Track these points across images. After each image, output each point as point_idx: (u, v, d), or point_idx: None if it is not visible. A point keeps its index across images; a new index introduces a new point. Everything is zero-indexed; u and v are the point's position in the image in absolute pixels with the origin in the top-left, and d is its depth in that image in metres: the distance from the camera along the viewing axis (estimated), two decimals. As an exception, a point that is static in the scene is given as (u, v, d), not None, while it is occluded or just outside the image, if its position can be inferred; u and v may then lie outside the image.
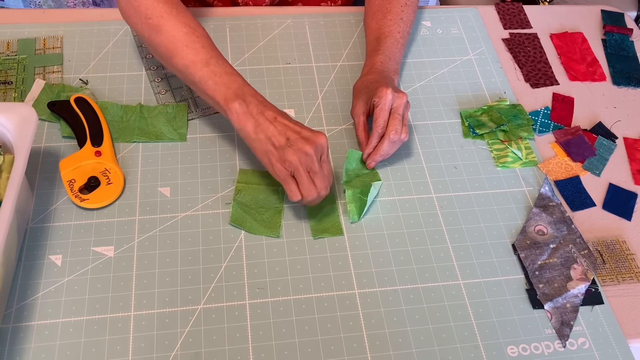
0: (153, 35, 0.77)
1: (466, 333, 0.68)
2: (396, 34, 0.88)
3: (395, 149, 0.79)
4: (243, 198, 0.76)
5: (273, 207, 0.76)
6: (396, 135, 0.77)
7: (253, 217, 0.75)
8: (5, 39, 0.90)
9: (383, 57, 0.86)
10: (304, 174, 0.68)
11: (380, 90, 0.78)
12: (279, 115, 0.71)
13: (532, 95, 0.94)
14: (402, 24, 0.89)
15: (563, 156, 0.86)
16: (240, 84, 0.73)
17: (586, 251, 0.75)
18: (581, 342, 0.69)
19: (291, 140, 0.68)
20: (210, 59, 0.74)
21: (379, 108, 0.78)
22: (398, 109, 0.78)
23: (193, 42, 0.75)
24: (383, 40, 0.88)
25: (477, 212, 0.79)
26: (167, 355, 0.64)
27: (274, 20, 0.98)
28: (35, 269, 0.69)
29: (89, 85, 0.86)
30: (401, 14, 0.90)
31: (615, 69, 0.99)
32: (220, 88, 0.72)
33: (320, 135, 0.70)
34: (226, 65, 0.74)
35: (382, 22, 0.89)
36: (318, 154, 0.69)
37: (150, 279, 0.69)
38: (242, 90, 0.72)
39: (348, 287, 0.71)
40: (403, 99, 0.78)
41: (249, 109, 0.70)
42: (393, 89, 0.78)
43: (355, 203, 0.76)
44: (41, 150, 0.79)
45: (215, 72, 0.73)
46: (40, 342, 0.64)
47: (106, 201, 0.74)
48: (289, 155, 0.68)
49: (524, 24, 1.04)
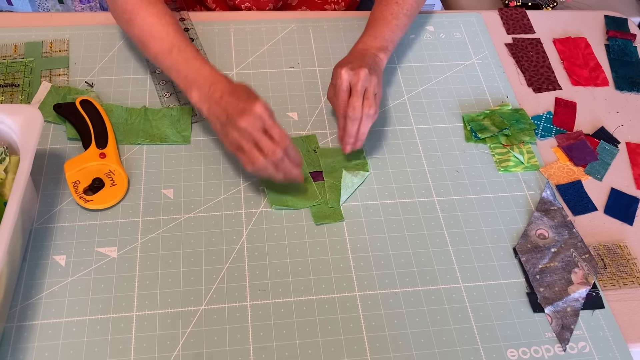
0: (129, 29, 0.82)
1: (466, 336, 0.69)
2: (388, 15, 0.86)
3: (366, 127, 0.76)
4: (270, 181, 0.77)
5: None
6: (354, 111, 0.74)
7: (290, 195, 0.77)
8: (13, 42, 0.92)
9: (367, 37, 0.84)
10: (246, 145, 0.69)
11: (334, 72, 0.77)
12: (225, 92, 0.72)
13: (535, 99, 0.94)
14: (397, 7, 0.87)
15: (565, 160, 0.86)
16: (197, 67, 0.75)
17: (587, 255, 0.75)
18: (582, 346, 0.69)
19: (229, 116, 0.70)
20: (172, 48, 0.77)
21: (337, 90, 0.76)
22: (356, 85, 0.75)
23: (158, 32, 0.79)
24: (372, 24, 0.86)
25: (479, 215, 0.79)
26: (169, 355, 0.65)
27: (278, 25, 0.99)
28: (39, 268, 0.70)
29: (94, 88, 0.87)
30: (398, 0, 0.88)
31: (618, 74, 0.99)
32: (181, 76, 0.76)
33: (255, 104, 0.69)
34: (187, 51, 0.77)
35: (376, 9, 0.89)
36: (257, 123, 0.69)
37: (152, 280, 0.70)
38: (198, 75, 0.75)
39: (349, 289, 0.71)
40: (360, 74, 0.75)
41: (202, 93, 0.74)
42: (351, 67, 0.76)
43: (332, 192, 0.78)
44: (46, 151, 0.80)
45: (177, 61, 0.76)
46: (44, 341, 0.65)
47: (110, 202, 0.75)
48: (229, 131, 0.70)
49: (527, 29, 1.04)
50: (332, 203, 0.78)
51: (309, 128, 0.86)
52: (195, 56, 0.77)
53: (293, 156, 0.72)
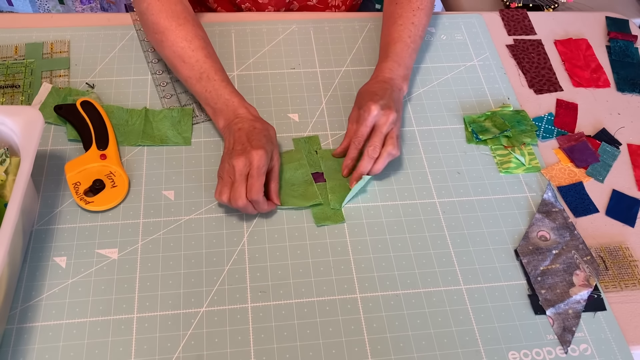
0: (160, 50, 0.85)
1: (467, 338, 0.68)
2: (406, 38, 0.88)
3: (382, 164, 0.78)
4: None
5: (302, 181, 0.79)
6: (374, 150, 0.77)
7: (291, 195, 0.78)
8: (13, 43, 0.92)
9: (392, 63, 0.86)
10: (226, 179, 0.73)
11: (367, 105, 0.78)
12: (244, 130, 0.76)
13: (536, 101, 0.94)
14: (414, 28, 0.89)
15: (566, 162, 0.86)
16: (226, 99, 0.79)
17: (589, 257, 0.75)
18: (583, 349, 0.69)
19: (233, 150, 0.74)
20: (201, 75, 0.81)
21: (361, 123, 0.78)
22: (381, 126, 0.78)
23: (189, 58, 0.81)
24: (392, 45, 0.87)
25: (480, 217, 0.79)
26: (170, 357, 0.65)
27: (279, 26, 0.99)
28: (39, 270, 0.70)
29: (95, 89, 0.87)
30: (412, 19, 0.89)
31: (620, 75, 0.99)
32: (210, 104, 0.80)
33: (255, 151, 0.72)
34: (216, 79, 0.80)
35: (393, 28, 0.89)
36: (245, 168, 0.72)
37: (153, 282, 0.70)
38: (226, 107, 0.79)
39: (350, 291, 0.71)
40: (389, 116, 0.78)
41: (226, 122, 0.78)
42: (382, 106, 0.78)
43: (333, 194, 0.79)
44: (47, 153, 0.80)
45: (206, 89, 0.80)
46: (44, 343, 0.65)
47: (111, 204, 0.75)
48: (226, 160, 0.74)
49: (528, 31, 1.04)
50: (333, 204, 0.78)
51: (310, 129, 0.86)
52: (224, 85, 0.80)
53: (260, 207, 0.74)
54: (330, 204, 0.78)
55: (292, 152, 0.83)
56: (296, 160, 0.81)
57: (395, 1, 0.92)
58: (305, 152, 0.83)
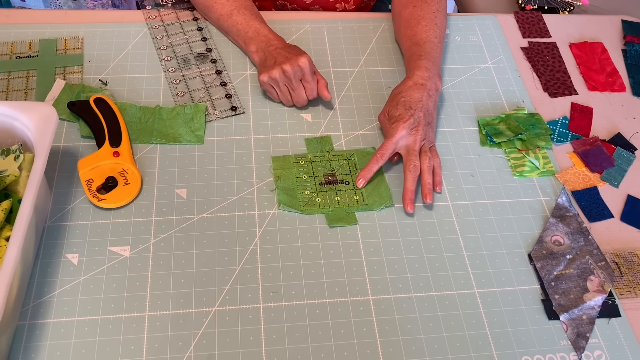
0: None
1: (480, 342, 0.68)
2: (434, 38, 0.88)
3: (439, 175, 0.79)
4: (284, 183, 0.79)
5: (313, 186, 0.79)
6: (415, 169, 0.77)
7: (299, 199, 0.77)
8: (27, 39, 0.92)
9: (426, 61, 0.85)
10: (282, 84, 0.84)
11: (396, 125, 0.79)
12: (279, 47, 0.85)
13: (551, 104, 0.93)
14: (437, 29, 0.90)
15: (581, 166, 0.85)
16: (257, 28, 0.89)
17: (603, 263, 0.74)
18: (597, 355, 0.68)
19: (277, 61, 0.83)
20: (232, 11, 0.90)
21: (387, 139, 0.79)
22: (412, 145, 0.79)
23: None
24: (423, 45, 0.87)
25: (494, 220, 0.78)
26: (181, 356, 0.64)
27: (293, 25, 0.99)
28: (52, 267, 0.70)
29: (108, 86, 0.87)
30: (435, 20, 0.90)
31: (635, 79, 0.98)
32: (241, 34, 0.89)
33: (301, 57, 0.82)
34: (246, 14, 0.90)
35: (417, 29, 0.89)
36: (297, 72, 0.82)
37: (165, 280, 0.70)
38: (257, 34, 0.88)
39: (362, 293, 0.70)
40: (417, 136, 0.79)
41: (259, 46, 0.87)
42: (410, 125, 0.79)
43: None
44: (60, 149, 0.80)
45: (237, 21, 0.90)
46: (56, 340, 0.64)
47: (123, 201, 0.75)
48: (272, 71, 0.83)
49: (543, 33, 1.03)
50: (346, 206, 0.77)
51: (323, 130, 0.86)
52: (254, 17, 0.90)
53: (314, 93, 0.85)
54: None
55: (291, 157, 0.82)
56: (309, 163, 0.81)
57: (412, 4, 0.92)
58: (317, 152, 0.82)
